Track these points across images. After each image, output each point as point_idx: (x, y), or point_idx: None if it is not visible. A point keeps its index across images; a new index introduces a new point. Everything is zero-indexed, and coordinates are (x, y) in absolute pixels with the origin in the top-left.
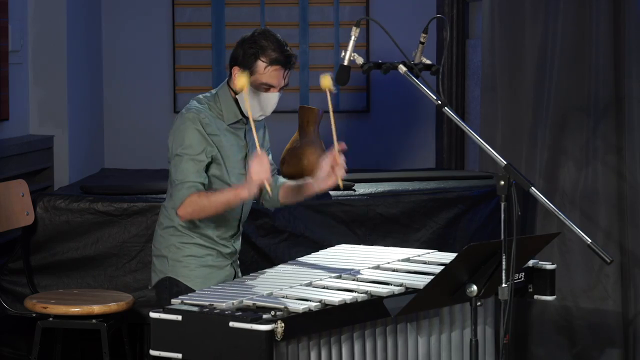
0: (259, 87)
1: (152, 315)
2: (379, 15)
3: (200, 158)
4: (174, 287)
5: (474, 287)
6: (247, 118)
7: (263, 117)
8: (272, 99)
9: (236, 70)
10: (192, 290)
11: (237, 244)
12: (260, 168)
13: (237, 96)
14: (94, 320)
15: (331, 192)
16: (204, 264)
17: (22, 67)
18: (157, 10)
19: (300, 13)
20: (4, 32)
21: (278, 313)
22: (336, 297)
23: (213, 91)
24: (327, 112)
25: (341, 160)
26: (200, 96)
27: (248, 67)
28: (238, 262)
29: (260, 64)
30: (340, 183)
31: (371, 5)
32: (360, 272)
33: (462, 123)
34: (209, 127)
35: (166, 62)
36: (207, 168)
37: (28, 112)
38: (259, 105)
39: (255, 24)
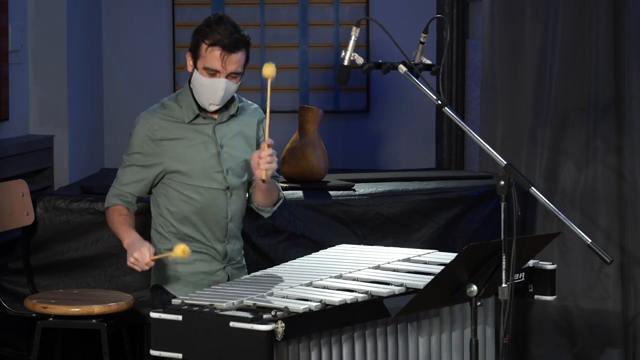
0: (204, 73)
1: (153, 315)
2: (379, 15)
3: (143, 164)
4: (164, 295)
5: (474, 287)
6: (206, 112)
7: (216, 107)
8: (217, 85)
9: (188, 56)
10: None
11: (230, 246)
12: (137, 262)
13: (192, 81)
14: (94, 320)
15: (331, 192)
16: (194, 270)
17: (22, 67)
18: (157, 10)
19: (300, 13)
20: (4, 32)
21: (278, 313)
22: (336, 297)
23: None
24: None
25: (265, 154)
26: (165, 98)
27: (195, 50)
28: (242, 264)
29: (203, 46)
30: (263, 175)
31: (371, 5)
32: (361, 272)
33: (462, 123)
34: (159, 132)
35: (166, 62)
36: (162, 176)
37: (28, 112)
38: (208, 92)
39: (255, 24)
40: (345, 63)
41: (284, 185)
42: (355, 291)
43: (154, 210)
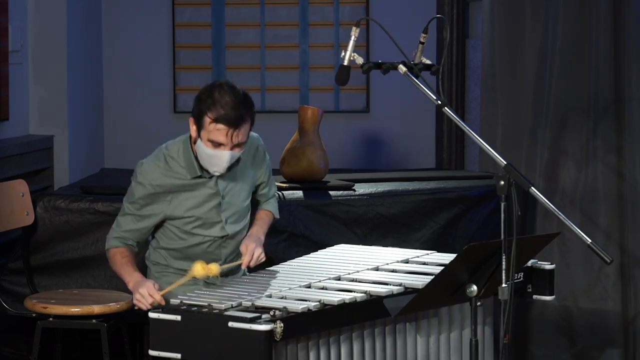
0: (208, 144)
1: (152, 315)
2: (379, 15)
3: (143, 214)
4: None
5: (474, 287)
6: (208, 172)
7: (219, 173)
8: (222, 157)
9: (191, 122)
10: None
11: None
12: (142, 298)
13: (196, 146)
14: (94, 320)
15: (331, 192)
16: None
17: (22, 67)
18: (157, 10)
19: (300, 13)
20: (4, 32)
21: (277, 313)
22: (335, 297)
23: (179, 140)
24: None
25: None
26: (165, 147)
27: (198, 119)
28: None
29: (207, 120)
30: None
31: (371, 5)
32: (359, 272)
33: (462, 123)
34: (160, 186)
35: (166, 62)
36: (161, 224)
37: (28, 112)
38: (212, 161)
39: (255, 24)
40: (345, 63)
41: (284, 185)
42: (354, 291)
43: (152, 243)
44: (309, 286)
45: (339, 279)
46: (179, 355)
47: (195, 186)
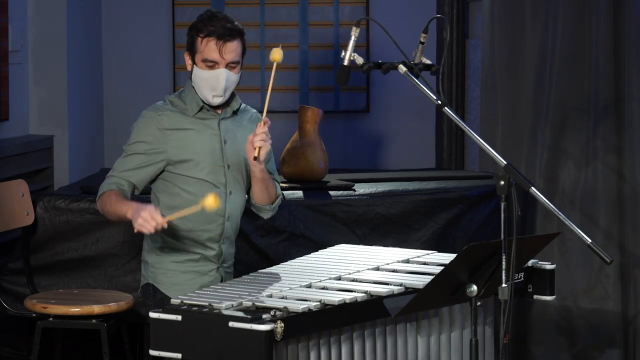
0: (203, 66)
1: (152, 315)
2: (379, 15)
3: (146, 152)
4: (157, 294)
5: (474, 287)
6: (210, 105)
7: (220, 99)
8: (219, 76)
9: (186, 56)
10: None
11: (225, 247)
12: (145, 222)
13: (194, 80)
14: (94, 320)
15: (331, 192)
16: (185, 269)
17: (22, 67)
18: (157, 10)
19: (300, 13)
20: (4, 32)
21: (278, 313)
22: (336, 297)
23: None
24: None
25: (260, 131)
26: (167, 96)
27: (191, 47)
28: (232, 269)
29: (198, 40)
30: (256, 152)
31: (371, 5)
32: (360, 272)
33: (462, 123)
34: (166, 122)
35: (166, 62)
36: (163, 168)
37: (28, 112)
38: (210, 84)
39: (255, 24)
40: (345, 63)
41: (284, 185)
42: (355, 291)
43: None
44: (309, 286)
45: (339, 278)
46: (179, 355)
47: (198, 125)
